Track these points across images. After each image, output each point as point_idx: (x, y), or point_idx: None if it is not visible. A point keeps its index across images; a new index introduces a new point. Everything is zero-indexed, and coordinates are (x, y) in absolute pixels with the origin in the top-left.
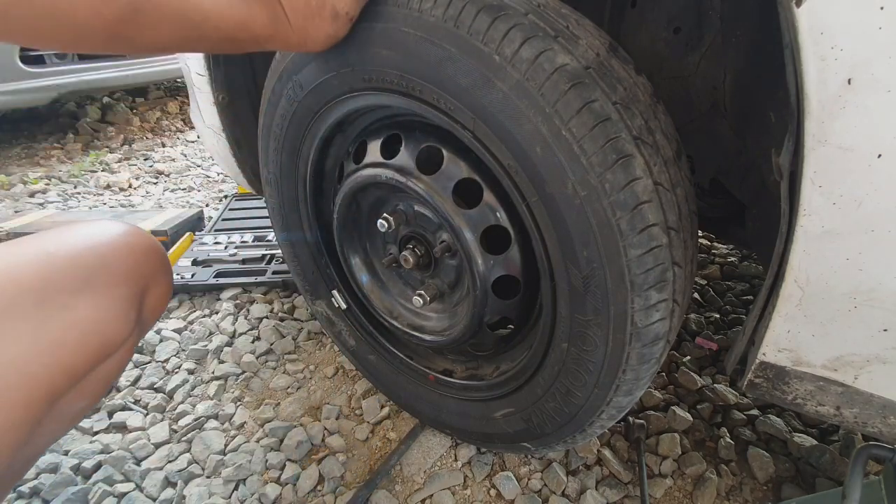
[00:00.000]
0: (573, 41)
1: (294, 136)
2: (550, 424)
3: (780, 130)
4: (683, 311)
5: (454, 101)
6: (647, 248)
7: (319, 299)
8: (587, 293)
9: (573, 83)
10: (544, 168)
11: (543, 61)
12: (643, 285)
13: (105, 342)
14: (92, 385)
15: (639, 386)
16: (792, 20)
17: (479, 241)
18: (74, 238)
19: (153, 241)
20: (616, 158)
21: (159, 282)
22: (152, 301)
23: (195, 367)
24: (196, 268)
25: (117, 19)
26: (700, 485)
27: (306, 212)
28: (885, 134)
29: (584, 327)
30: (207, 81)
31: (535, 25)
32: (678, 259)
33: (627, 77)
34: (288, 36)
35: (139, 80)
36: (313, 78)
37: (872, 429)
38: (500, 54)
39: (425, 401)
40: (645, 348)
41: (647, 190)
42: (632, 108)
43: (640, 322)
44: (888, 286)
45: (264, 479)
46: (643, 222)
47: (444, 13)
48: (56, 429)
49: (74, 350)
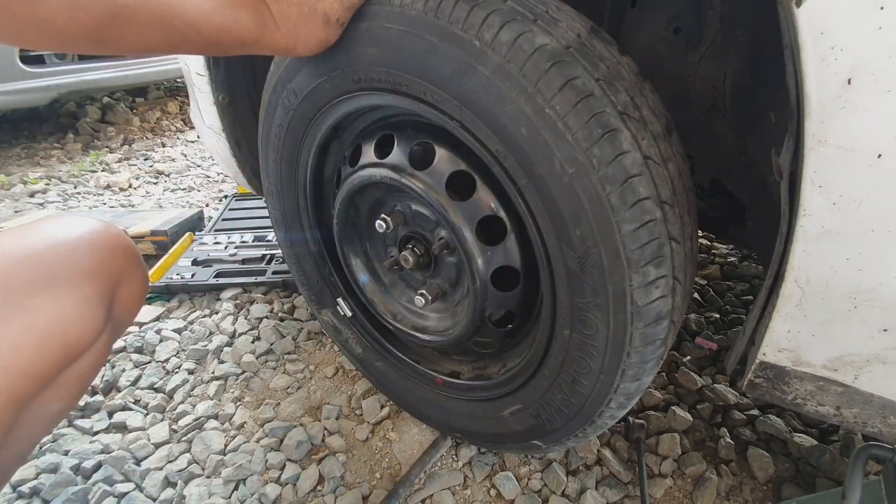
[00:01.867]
0: (553, 23)
1: (292, 145)
2: (559, 418)
3: (780, 130)
4: (687, 293)
5: (440, 92)
6: (641, 222)
7: (325, 308)
8: (584, 274)
9: (554, 62)
10: (531, 148)
11: (523, 42)
12: (640, 261)
13: (70, 343)
14: (67, 386)
15: (645, 370)
16: (792, 20)
17: (475, 233)
18: (33, 237)
19: (121, 238)
20: (602, 133)
21: (131, 279)
22: (125, 299)
23: (195, 367)
24: (196, 268)
25: (96, 25)
26: (700, 485)
27: (308, 220)
28: (885, 134)
29: (584, 311)
30: (207, 81)
31: (514, 10)
32: (675, 234)
33: (610, 56)
34: (276, 41)
35: (139, 80)
36: (306, 84)
37: (872, 429)
38: (479, 39)
39: (434, 405)
40: (648, 328)
41: (636, 163)
42: (615, 84)
43: (640, 300)
44: (888, 286)
45: (264, 479)
46: (634, 196)
47: (425, 5)
48: (34, 431)
49: (36, 353)
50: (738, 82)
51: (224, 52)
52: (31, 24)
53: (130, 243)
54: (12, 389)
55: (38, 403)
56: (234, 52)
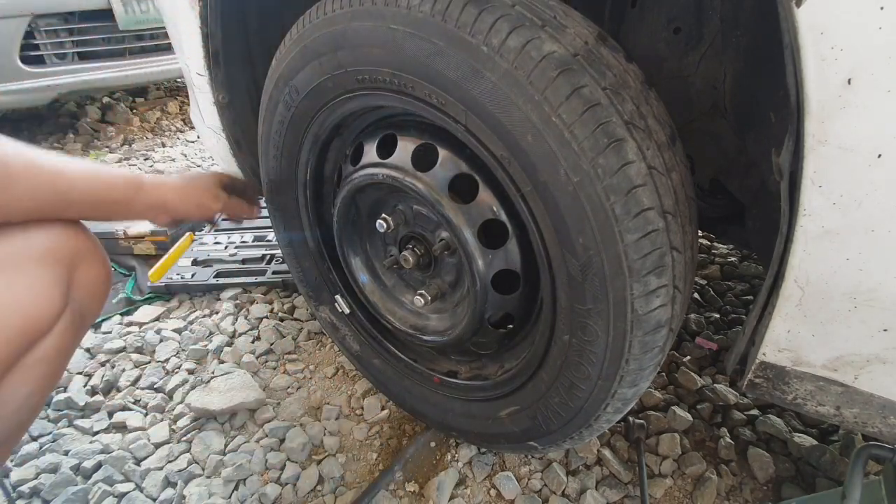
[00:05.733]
0: (560, 30)
1: (292, 142)
2: (556, 420)
3: (780, 130)
4: (686, 300)
5: (445, 96)
6: (644, 232)
7: (323, 305)
8: (585, 281)
9: (561, 70)
10: (536, 156)
11: (531, 49)
12: (641, 271)
13: (28, 323)
14: (32, 370)
15: (643, 377)
16: (792, 20)
17: (477, 236)
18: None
19: (74, 223)
20: (607, 142)
21: (89, 262)
22: (84, 280)
23: (195, 367)
24: (196, 268)
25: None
26: (700, 485)
27: (307, 217)
28: (885, 134)
29: (584, 317)
30: (207, 81)
31: (522, 16)
32: (676, 244)
33: (617, 64)
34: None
35: (139, 80)
36: (308, 82)
37: (872, 429)
38: (487, 45)
39: (431, 404)
40: (647, 336)
41: (641, 173)
42: (622, 93)
43: (641, 309)
44: (888, 286)
45: (264, 479)
46: (638, 206)
47: (432, 8)
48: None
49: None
50: (738, 82)
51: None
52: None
53: (85, 228)
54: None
55: (2, 388)
56: None
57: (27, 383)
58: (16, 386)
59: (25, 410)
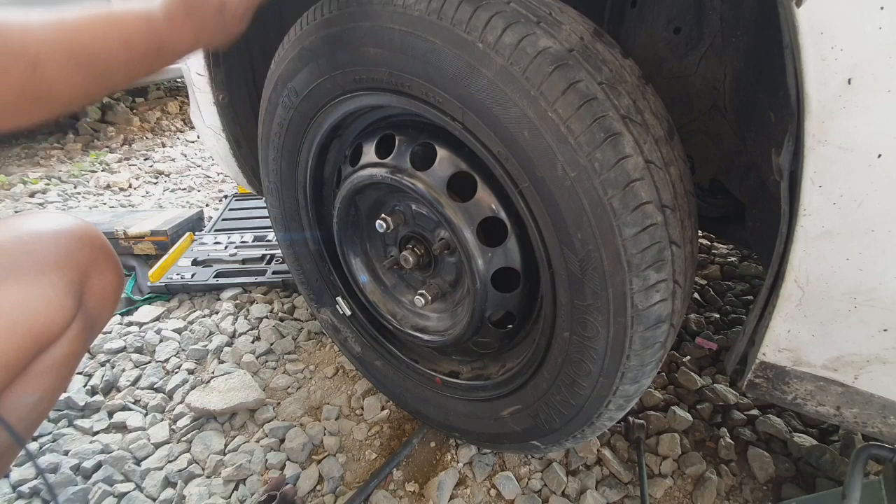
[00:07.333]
0: (556, 26)
1: (292, 144)
2: (558, 419)
3: (780, 130)
4: (687, 295)
5: (442, 93)
6: (642, 226)
7: (324, 307)
8: (585, 277)
9: (557, 65)
10: (533, 151)
11: (526, 45)
12: (640, 265)
13: (37, 329)
14: (41, 377)
15: (644, 373)
16: (792, 20)
17: (476, 234)
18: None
19: (89, 230)
20: (604, 137)
21: (102, 270)
22: (97, 290)
23: (195, 367)
24: (196, 268)
25: (23, 81)
26: (700, 485)
27: (307, 219)
28: (885, 134)
29: (584, 313)
30: (207, 81)
31: (517, 12)
32: (675, 238)
33: (613, 59)
34: (173, 36)
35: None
36: (307, 83)
37: (872, 429)
38: (483, 41)
39: (433, 404)
40: (648, 331)
41: (638, 167)
42: (618, 88)
43: (641, 304)
44: (888, 286)
45: (264, 479)
46: (636, 200)
47: (428, 6)
48: (13, 423)
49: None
50: (738, 82)
51: (141, 64)
52: None
53: (100, 236)
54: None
55: (11, 394)
56: (153, 61)
57: (36, 391)
58: (25, 393)
59: (34, 416)
